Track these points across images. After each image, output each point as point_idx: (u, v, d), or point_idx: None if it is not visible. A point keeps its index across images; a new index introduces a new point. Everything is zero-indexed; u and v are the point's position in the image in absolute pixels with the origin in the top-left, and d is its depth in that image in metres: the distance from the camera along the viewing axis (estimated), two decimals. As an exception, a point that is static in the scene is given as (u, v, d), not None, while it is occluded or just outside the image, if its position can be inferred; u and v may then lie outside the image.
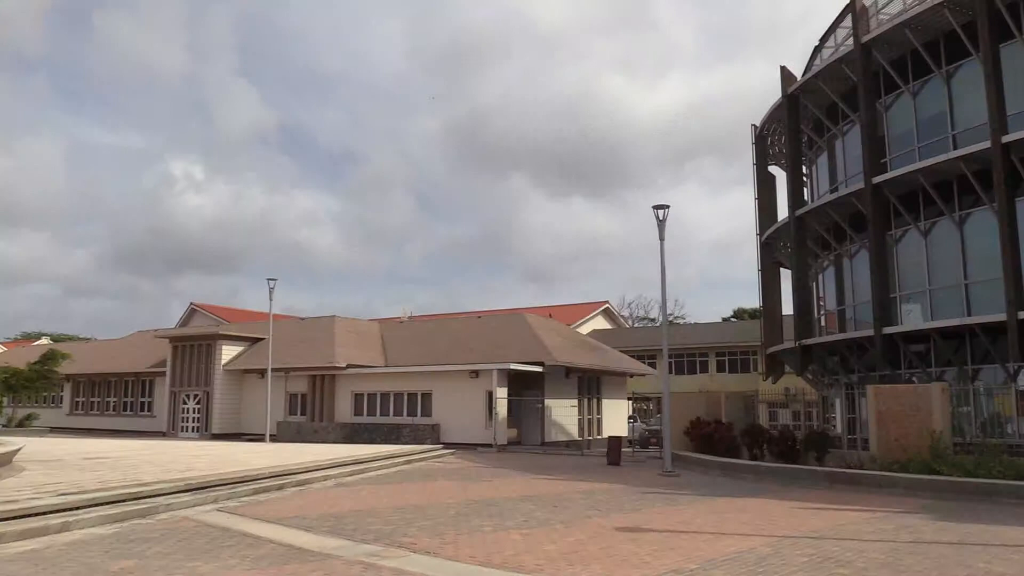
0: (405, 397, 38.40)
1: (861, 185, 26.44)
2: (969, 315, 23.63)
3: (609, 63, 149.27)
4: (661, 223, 25.07)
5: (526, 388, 37.13)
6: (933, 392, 20.82)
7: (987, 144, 22.44)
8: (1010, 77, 23.12)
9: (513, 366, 34.92)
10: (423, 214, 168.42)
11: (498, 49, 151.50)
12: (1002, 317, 21.84)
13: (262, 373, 40.91)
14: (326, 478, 20.56)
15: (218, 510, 14.47)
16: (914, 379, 25.28)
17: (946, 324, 23.71)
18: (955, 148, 24.14)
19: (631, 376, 46.08)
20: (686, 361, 58.71)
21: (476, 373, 35.88)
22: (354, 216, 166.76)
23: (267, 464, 21.07)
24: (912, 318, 25.87)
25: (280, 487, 18.21)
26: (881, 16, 28.76)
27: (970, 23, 23.61)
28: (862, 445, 23.65)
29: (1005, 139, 22.12)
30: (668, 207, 24.96)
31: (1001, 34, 23.15)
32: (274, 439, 38.96)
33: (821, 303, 32.80)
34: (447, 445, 33.53)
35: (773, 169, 35.67)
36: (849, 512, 14.71)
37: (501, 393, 35.10)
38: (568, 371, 38.68)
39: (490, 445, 34.18)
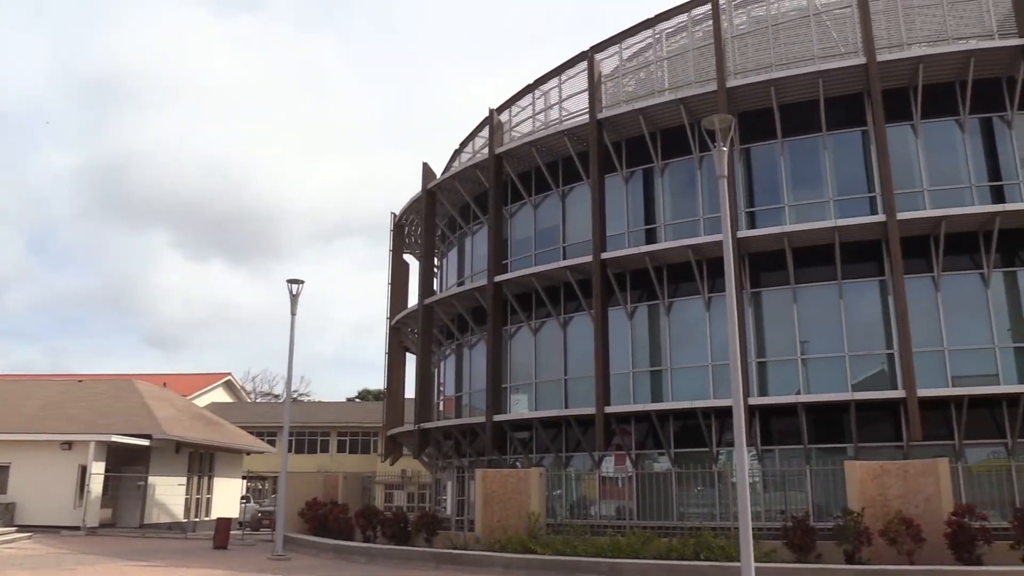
0: (-29, 471, 32.77)
1: (484, 282, 28.72)
2: (567, 407, 26.43)
3: (272, 130, 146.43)
4: (294, 297, 24.91)
5: (130, 463, 33.82)
6: (532, 476, 22.77)
7: (589, 258, 25.73)
8: (612, 203, 26.94)
9: (116, 438, 31.68)
10: (32, 259, 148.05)
11: (161, 93, 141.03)
12: (592, 411, 24.74)
13: None
14: None
15: None
16: (517, 464, 27.45)
17: (547, 414, 26.26)
18: (564, 258, 27.33)
19: (248, 454, 44.16)
20: (307, 440, 57.81)
21: (69, 444, 31.93)
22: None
23: None
24: (519, 407, 28.25)
25: None
26: (514, 132, 32.02)
27: (584, 152, 27.18)
28: (469, 526, 24.95)
29: (604, 256, 25.57)
30: (303, 282, 24.96)
31: (607, 166, 26.97)
32: None
33: (441, 388, 34.52)
34: (24, 528, 29.18)
35: (409, 257, 37.32)
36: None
37: (98, 468, 31.54)
38: (179, 446, 36.02)
39: (78, 528, 30.39)
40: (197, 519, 36.72)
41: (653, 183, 26.86)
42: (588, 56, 28.00)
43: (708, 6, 26.47)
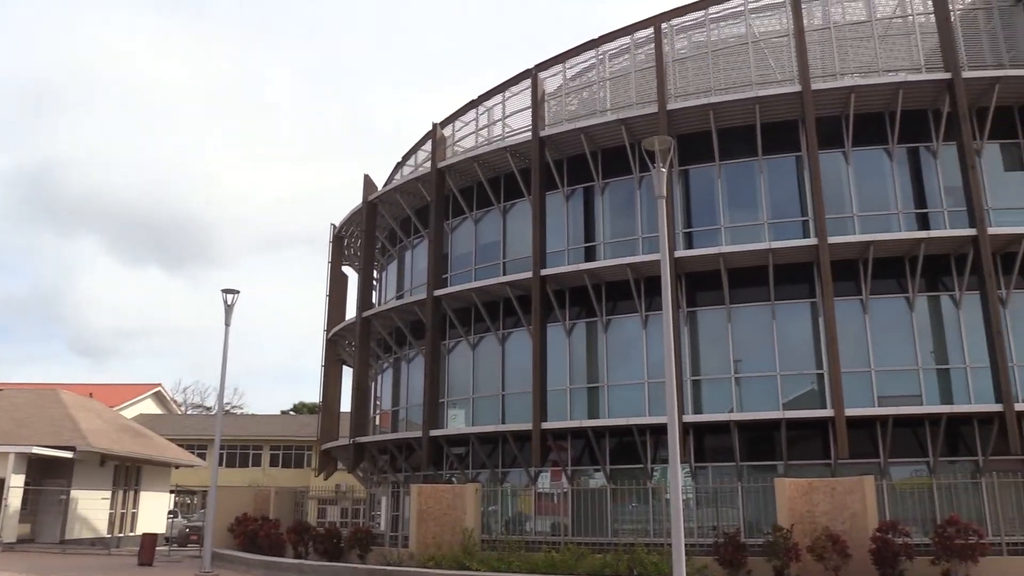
0: None
1: (424, 296, 28.61)
2: (504, 423, 26.43)
3: (213, 138, 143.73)
4: (228, 308, 24.51)
5: (50, 476, 32.65)
6: (468, 492, 22.69)
7: (529, 274, 25.86)
8: (552, 220, 27.14)
9: (37, 450, 30.56)
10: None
11: (98, 96, 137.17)
12: (529, 426, 24.80)
13: None
14: None
15: None
16: (453, 479, 27.31)
17: (485, 430, 26.21)
18: (504, 274, 27.40)
19: (177, 467, 43.02)
20: (239, 453, 56.63)
21: (-13, 456, 30.67)
22: None
23: None
24: (456, 422, 28.16)
25: None
26: (457, 147, 32.07)
27: (526, 170, 27.35)
28: (403, 542, 24.73)
29: (543, 272, 25.73)
30: (238, 292, 24.59)
31: (548, 184, 27.18)
32: None
33: (378, 402, 34.20)
34: (-67, 544, 27.93)
35: (348, 270, 36.97)
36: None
37: (17, 481, 30.38)
38: (104, 458, 34.91)
39: (-7, 543, 29.17)
40: (122, 534, 35.60)
41: (593, 201, 27.16)
42: (532, 74, 28.24)
43: (651, 30, 26.97)
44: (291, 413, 78.90)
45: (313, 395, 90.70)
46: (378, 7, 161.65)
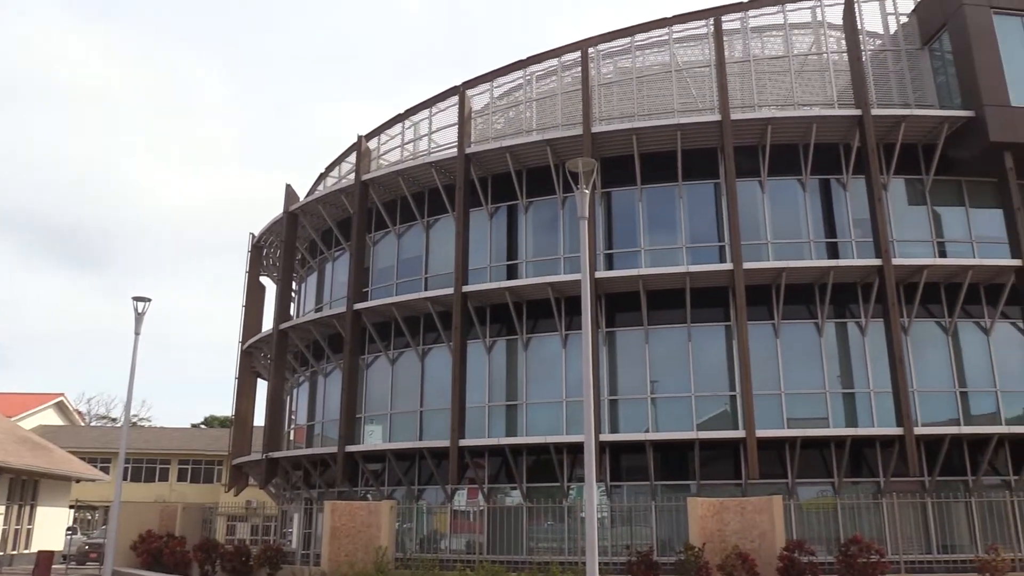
0: None
1: (343, 309, 28.24)
2: (422, 439, 26.23)
3: (139, 142, 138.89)
4: (139, 316, 23.76)
5: (-62, 490, 30.94)
6: (383, 509, 22.39)
7: (451, 290, 25.81)
8: (475, 237, 27.18)
9: (-75, 462, 28.94)
10: None
11: (16, 95, 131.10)
12: (447, 443, 24.67)
13: None
14: None
15: None
16: (369, 496, 26.94)
17: (402, 446, 25.97)
18: (426, 289, 27.29)
19: (78, 481, 41.23)
20: (146, 467, 54.69)
21: None
22: None
23: None
24: (373, 438, 27.81)
25: None
26: (382, 160, 31.88)
27: (451, 186, 27.35)
28: (315, 560, 24.21)
29: (465, 289, 25.72)
30: (149, 300, 23.93)
31: (473, 200, 27.24)
32: None
33: (293, 417, 33.53)
34: None
35: (266, 280, 36.25)
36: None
37: (-99, 495, 28.69)
38: (-1, 471, 33.24)
39: None
40: (15, 552, 33.85)
41: (517, 220, 27.33)
42: (460, 91, 28.33)
43: (578, 53, 27.40)
44: (202, 426, 76.70)
45: (226, 408, 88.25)
46: (314, 17, 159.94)
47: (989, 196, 25.04)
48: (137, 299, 23.77)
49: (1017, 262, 23.24)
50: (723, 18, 26.39)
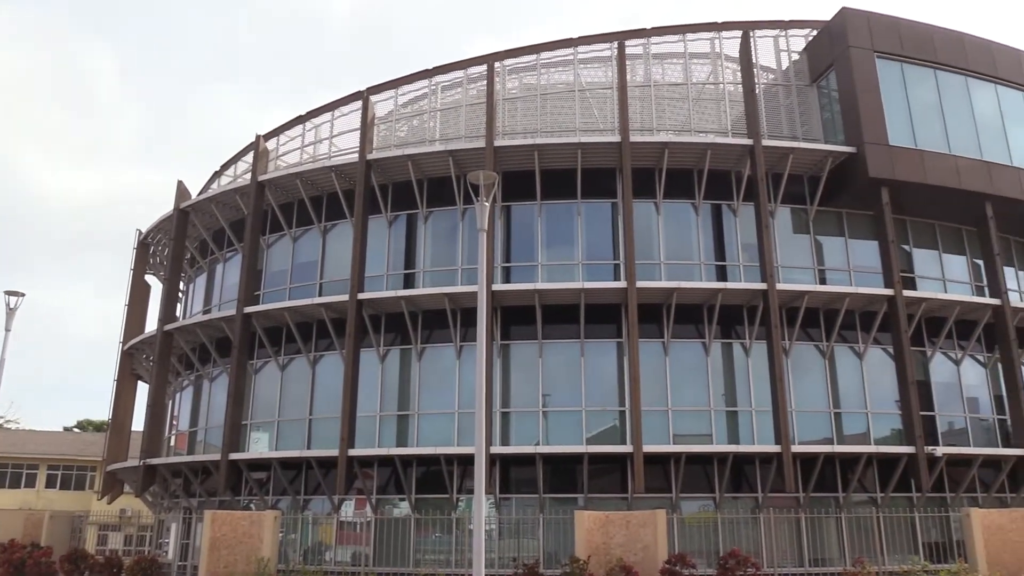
0: None
1: (233, 312, 27.41)
2: (310, 448, 25.67)
3: (19, 131, 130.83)
4: (11, 311, 22.49)
5: None
6: (266, 520, 21.81)
7: (346, 297, 25.43)
8: (373, 244, 26.89)
9: None
10: None
11: None
12: (335, 452, 24.23)
13: None
14: None
15: None
16: (252, 506, 26.17)
17: (288, 455, 25.34)
18: (321, 295, 26.80)
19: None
20: (11, 472, 51.46)
21: None
22: None
23: None
24: (259, 446, 27.06)
25: None
26: (281, 162, 31.21)
27: (350, 191, 27.00)
28: (192, 572, 23.36)
29: (361, 296, 25.39)
30: (23, 295, 22.71)
31: (372, 207, 26.96)
32: None
33: (174, 422, 32.29)
34: None
35: (153, 280, 34.87)
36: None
37: None
38: None
39: None
40: None
41: (416, 229, 27.21)
42: (364, 96, 28.03)
43: (484, 67, 27.58)
44: (75, 430, 72.87)
45: (102, 412, 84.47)
46: (226, 16, 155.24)
47: (867, 228, 26.52)
48: (10, 293, 22.54)
49: (889, 291, 24.67)
50: (627, 43, 27.11)
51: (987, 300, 25.96)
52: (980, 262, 27.42)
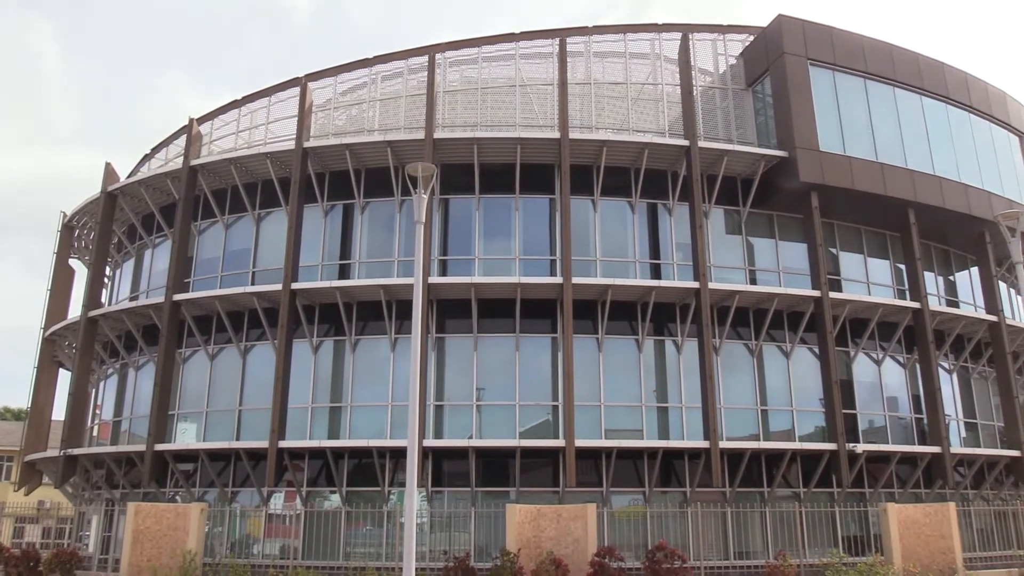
0: None
1: (161, 299, 26.72)
2: (239, 439, 25.21)
3: None
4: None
5: None
6: (192, 512, 21.36)
7: (279, 287, 25.02)
8: (308, 233, 26.50)
9: None
10: None
11: None
12: (265, 444, 23.85)
13: None
14: None
15: None
16: (178, 498, 25.61)
17: (217, 446, 24.85)
18: (253, 284, 26.33)
19: None
20: (-81, 461, 49.33)
21: None
22: None
23: None
24: (186, 437, 26.47)
25: None
26: (214, 147, 30.49)
27: (286, 179, 26.55)
28: (114, 566, 22.75)
29: (295, 286, 25.01)
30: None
31: (308, 196, 26.55)
32: None
33: (98, 412, 31.34)
34: None
35: (78, 264, 33.74)
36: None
37: None
38: None
39: None
40: None
41: (352, 219, 26.92)
42: (301, 83, 27.58)
43: (425, 58, 27.39)
44: (-11, 418, 70.20)
45: (20, 400, 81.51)
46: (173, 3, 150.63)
47: (796, 231, 27.21)
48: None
49: (816, 293, 25.37)
50: (568, 40, 27.22)
51: (908, 303, 26.93)
52: (902, 266, 28.41)
